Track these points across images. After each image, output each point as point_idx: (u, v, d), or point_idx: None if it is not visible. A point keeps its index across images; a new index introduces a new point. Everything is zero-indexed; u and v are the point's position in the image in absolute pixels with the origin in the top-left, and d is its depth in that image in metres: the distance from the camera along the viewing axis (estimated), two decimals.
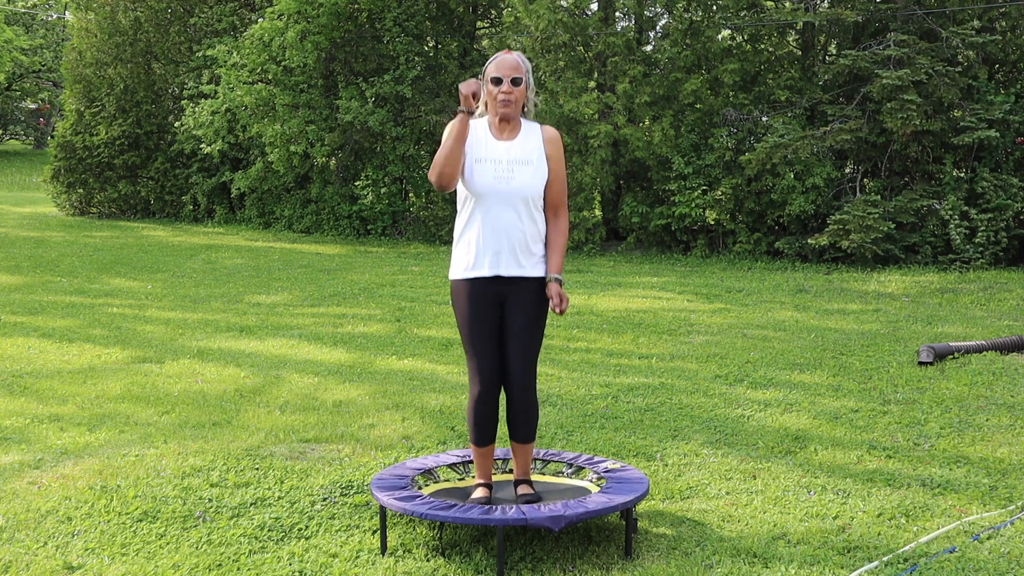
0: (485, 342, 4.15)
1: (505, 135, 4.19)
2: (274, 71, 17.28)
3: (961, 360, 7.39)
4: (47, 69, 39.66)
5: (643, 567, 3.89)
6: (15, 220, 19.82)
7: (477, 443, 4.24)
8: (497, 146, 4.17)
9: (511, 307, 4.17)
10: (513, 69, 4.14)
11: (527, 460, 4.32)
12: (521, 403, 4.20)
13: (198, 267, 13.33)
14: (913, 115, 12.96)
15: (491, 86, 4.16)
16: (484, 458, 4.29)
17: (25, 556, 3.97)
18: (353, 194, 18.14)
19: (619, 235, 16.19)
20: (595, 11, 15.94)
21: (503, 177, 4.12)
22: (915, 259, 13.42)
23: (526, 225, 4.15)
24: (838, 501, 4.60)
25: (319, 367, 7.36)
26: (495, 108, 4.17)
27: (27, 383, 6.79)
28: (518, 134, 4.20)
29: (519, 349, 4.15)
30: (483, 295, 4.15)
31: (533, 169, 4.15)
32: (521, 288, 4.15)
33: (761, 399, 6.46)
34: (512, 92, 4.13)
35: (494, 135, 4.20)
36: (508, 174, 4.13)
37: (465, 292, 4.17)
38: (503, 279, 4.14)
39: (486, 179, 4.11)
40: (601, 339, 8.58)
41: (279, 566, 3.88)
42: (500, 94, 4.13)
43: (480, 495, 4.21)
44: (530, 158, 4.16)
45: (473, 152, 4.16)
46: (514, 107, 4.16)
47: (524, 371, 4.18)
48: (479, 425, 4.21)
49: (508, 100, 4.13)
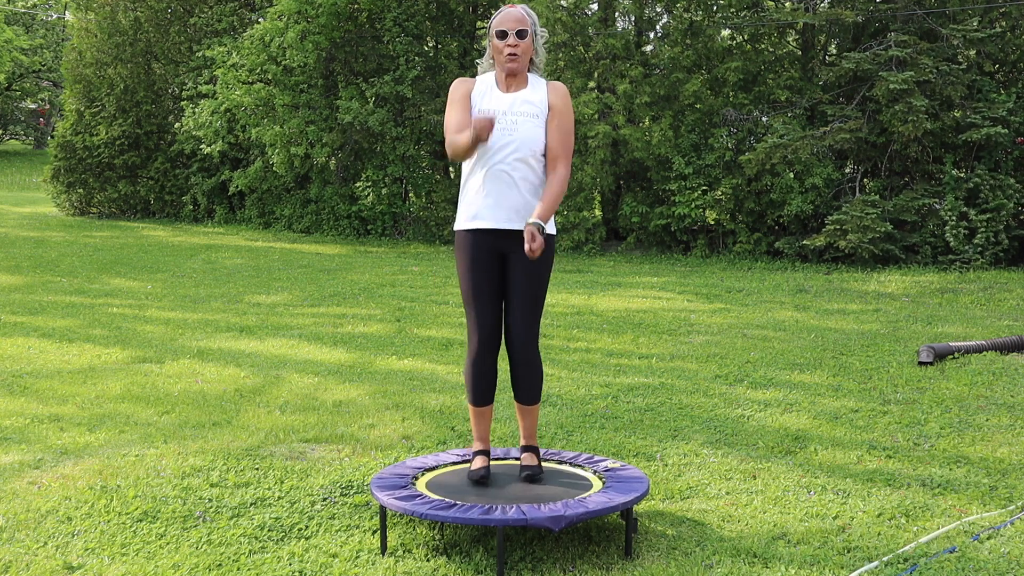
0: (484, 295, 4.09)
1: (512, 88, 4.13)
2: (273, 71, 17.28)
3: (961, 360, 7.39)
4: (47, 69, 39.70)
5: (643, 567, 3.89)
6: (15, 220, 19.82)
7: (474, 402, 4.20)
8: (502, 98, 4.10)
9: (512, 262, 4.10)
10: (518, 22, 4.06)
11: (532, 423, 4.26)
12: (523, 360, 4.13)
13: (198, 267, 13.33)
14: (922, 118, 12.95)
15: (496, 40, 4.09)
16: (482, 418, 4.24)
17: (25, 556, 3.97)
18: (353, 194, 18.14)
19: (619, 235, 16.19)
20: (595, 11, 15.94)
21: (506, 128, 4.05)
22: (915, 259, 13.42)
23: (529, 178, 4.08)
24: (838, 501, 4.60)
25: (319, 367, 7.36)
26: (501, 62, 4.10)
27: (27, 383, 6.79)
28: (524, 87, 4.13)
29: (520, 304, 4.09)
30: (483, 247, 4.09)
31: (537, 122, 4.08)
32: (522, 242, 4.05)
33: (761, 399, 6.46)
34: (518, 45, 4.06)
35: (500, 89, 4.14)
36: (511, 126, 4.06)
37: (466, 243, 4.11)
38: (504, 232, 4.08)
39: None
40: (601, 339, 8.58)
41: (279, 566, 3.88)
42: (506, 48, 4.06)
43: (478, 466, 4.19)
44: (535, 111, 4.09)
45: (477, 104, 4.11)
46: (520, 61, 4.08)
47: (525, 327, 4.09)
48: (476, 382, 4.16)
49: (514, 53, 4.05)
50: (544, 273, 4.13)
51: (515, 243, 4.08)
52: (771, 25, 15.39)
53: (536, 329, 4.14)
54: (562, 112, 4.13)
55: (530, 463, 4.27)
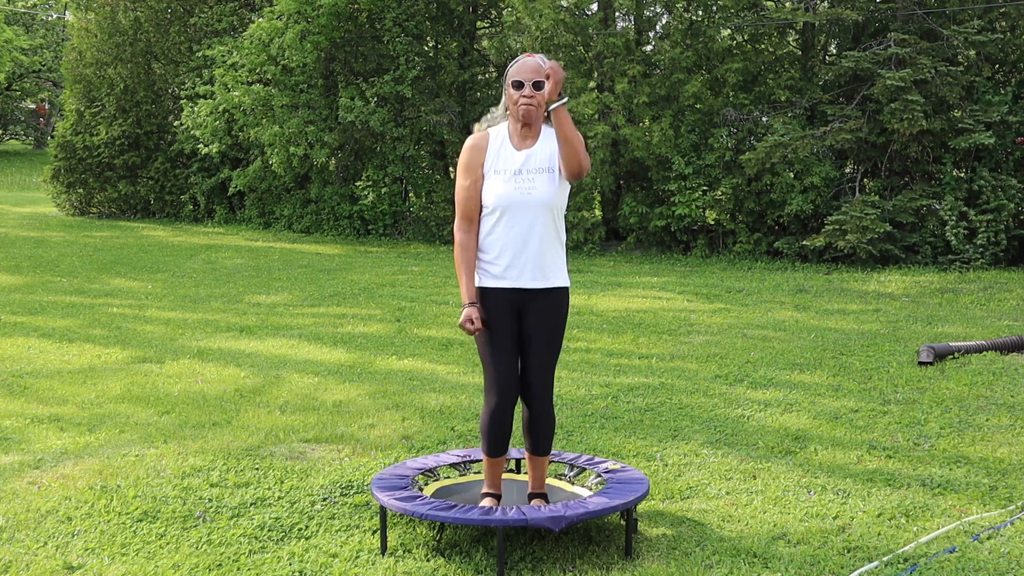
0: (503, 352, 4.04)
1: (526, 143, 4.04)
2: (273, 72, 17.28)
3: (961, 360, 7.39)
4: (47, 69, 39.68)
5: (643, 567, 3.89)
6: (15, 220, 19.82)
7: (490, 454, 4.15)
8: (516, 156, 4.03)
9: (530, 317, 4.05)
10: (535, 72, 3.96)
11: (542, 473, 4.23)
12: (539, 414, 4.11)
13: (198, 267, 13.33)
14: (918, 116, 12.95)
15: (512, 90, 3.99)
16: (495, 467, 4.20)
17: (25, 556, 3.97)
18: (353, 194, 18.14)
19: (619, 235, 16.19)
20: (595, 11, 15.94)
21: (524, 189, 3.98)
22: (915, 259, 13.42)
23: (548, 234, 4.02)
24: (838, 501, 4.59)
25: (319, 367, 7.36)
26: (516, 114, 4.01)
27: (27, 383, 6.79)
28: (537, 141, 4.05)
29: (538, 360, 4.06)
30: (501, 305, 4.04)
31: (552, 176, 4.00)
32: (540, 298, 4.04)
33: (761, 399, 6.46)
34: (534, 96, 3.96)
35: (513, 144, 4.05)
36: (529, 184, 3.98)
37: (484, 301, 4.06)
38: (523, 291, 4.04)
39: (508, 191, 3.98)
40: (601, 339, 8.58)
41: (279, 566, 3.88)
42: (521, 99, 3.97)
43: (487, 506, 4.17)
44: (550, 165, 4.01)
45: (491, 164, 4.03)
46: (536, 112, 3.99)
47: (542, 382, 4.08)
48: (494, 437, 4.11)
49: (530, 105, 3.97)
50: (562, 325, 4.10)
51: (534, 299, 4.05)
52: (771, 25, 15.39)
53: (552, 381, 4.13)
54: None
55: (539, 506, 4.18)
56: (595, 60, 15.70)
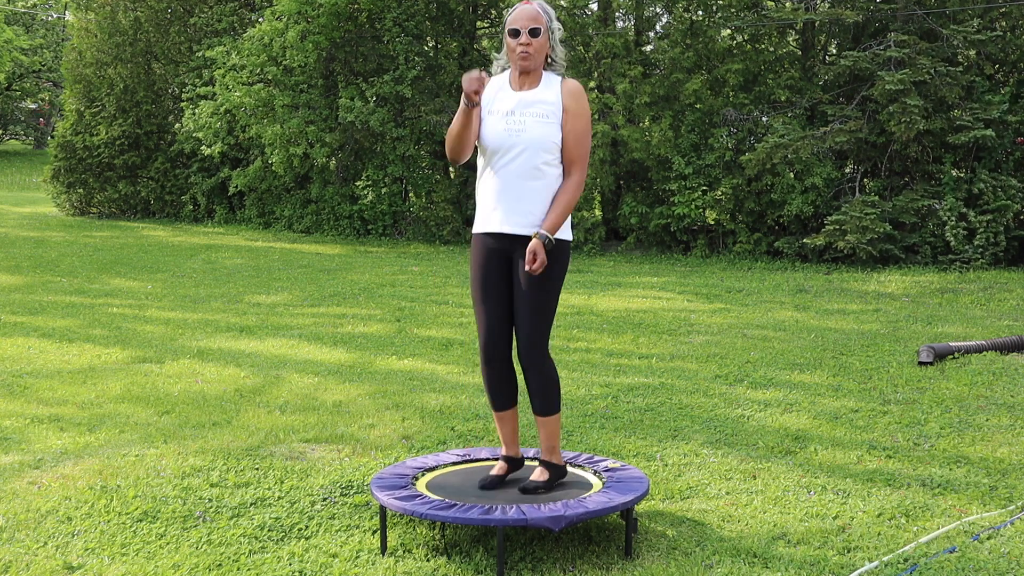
0: (489, 300, 4.03)
1: (523, 87, 4.04)
2: (273, 72, 17.28)
3: (961, 360, 7.39)
4: (47, 69, 39.67)
5: (643, 567, 3.89)
6: (15, 220, 19.82)
7: (492, 407, 4.20)
8: (512, 97, 4.02)
9: (519, 267, 4.00)
10: (531, 19, 3.96)
11: (547, 436, 4.16)
12: (527, 365, 4.06)
13: (198, 267, 13.33)
14: (916, 118, 12.95)
15: (509, 39, 4.00)
16: (502, 423, 4.20)
17: (25, 556, 3.97)
18: (353, 194, 18.14)
19: (619, 235, 16.19)
20: (594, 11, 15.94)
21: (514, 129, 3.96)
22: (915, 259, 13.42)
23: (538, 180, 3.97)
24: (838, 501, 4.60)
25: (319, 367, 7.36)
26: (514, 61, 4.01)
27: (27, 383, 6.79)
28: (536, 86, 4.04)
29: (524, 312, 4.01)
30: (491, 251, 4.03)
31: (548, 121, 3.97)
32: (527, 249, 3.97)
33: (761, 399, 6.46)
34: (530, 44, 3.95)
35: (512, 87, 4.06)
36: (519, 126, 3.96)
37: (474, 246, 4.08)
38: (512, 236, 4.00)
39: (497, 131, 3.98)
40: (601, 339, 8.58)
41: (279, 566, 3.88)
42: (518, 47, 3.97)
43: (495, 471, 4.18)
44: (546, 111, 3.98)
45: (487, 105, 4.04)
46: (533, 59, 3.98)
47: (527, 331, 4.01)
48: (488, 387, 4.14)
49: (527, 52, 3.96)
50: (547, 280, 4.00)
51: (521, 248, 3.99)
52: (771, 25, 15.40)
53: (540, 335, 4.04)
54: (576, 114, 4.00)
55: (536, 478, 4.19)
56: (594, 60, 15.70)
